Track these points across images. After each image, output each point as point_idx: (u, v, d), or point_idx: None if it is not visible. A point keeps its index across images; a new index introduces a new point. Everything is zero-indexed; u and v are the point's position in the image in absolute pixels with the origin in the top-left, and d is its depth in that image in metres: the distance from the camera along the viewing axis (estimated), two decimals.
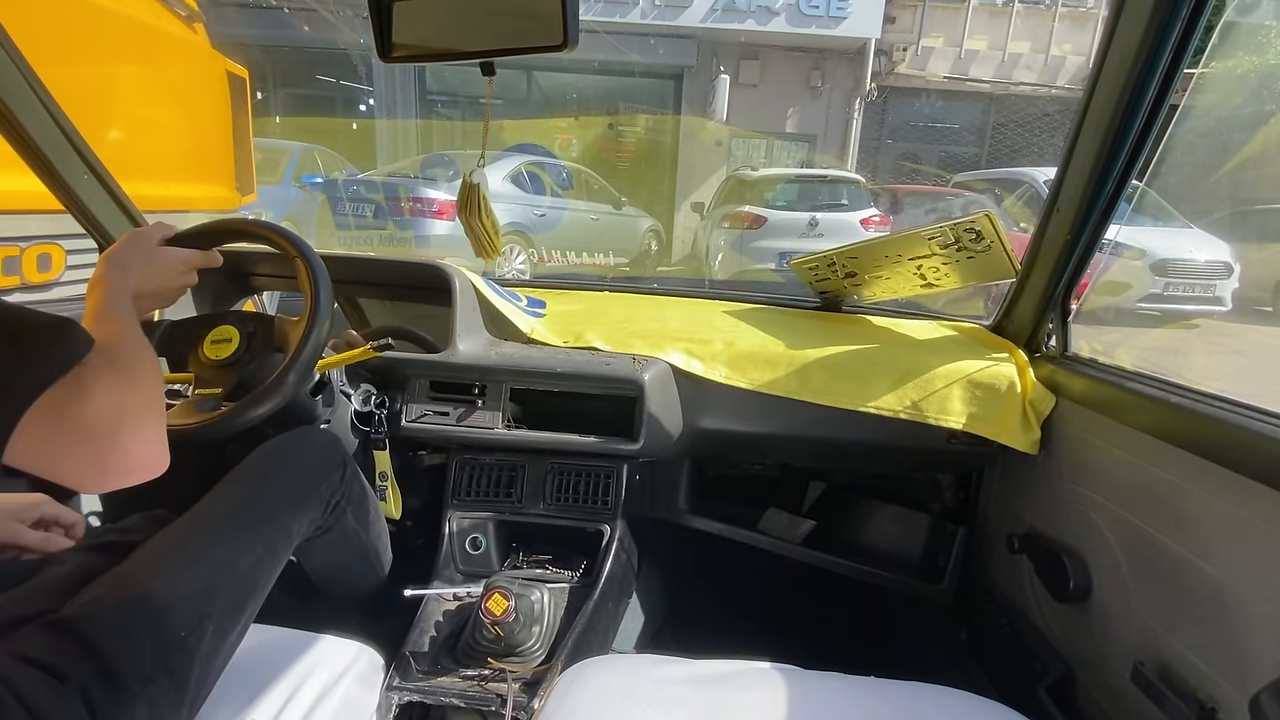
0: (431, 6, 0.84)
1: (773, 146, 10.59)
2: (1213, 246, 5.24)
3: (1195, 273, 5.18)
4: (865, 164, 10.31)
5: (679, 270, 8.93)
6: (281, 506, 0.82)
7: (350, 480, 0.96)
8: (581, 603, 1.11)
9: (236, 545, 0.74)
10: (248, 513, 0.78)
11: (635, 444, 1.15)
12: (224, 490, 0.80)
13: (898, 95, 10.59)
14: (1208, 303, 5.20)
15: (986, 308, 2.52)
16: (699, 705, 0.74)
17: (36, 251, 1.83)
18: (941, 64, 10.35)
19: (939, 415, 1.15)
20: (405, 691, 0.96)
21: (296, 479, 0.86)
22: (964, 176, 8.35)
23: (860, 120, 10.32)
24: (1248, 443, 0.71)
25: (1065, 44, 10.18)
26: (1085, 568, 0.98)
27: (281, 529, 0.80)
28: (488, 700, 0.95)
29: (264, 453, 0.87)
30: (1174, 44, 0.82)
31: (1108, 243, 1.04)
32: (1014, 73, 10.26)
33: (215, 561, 0.71)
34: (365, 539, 1.02)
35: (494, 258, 1.10)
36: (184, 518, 0.76)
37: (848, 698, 0.76)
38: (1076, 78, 10.06)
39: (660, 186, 10.31)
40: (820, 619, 1.51)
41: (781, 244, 6.08)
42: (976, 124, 10.90)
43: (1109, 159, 0.93)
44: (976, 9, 10.16)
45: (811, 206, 6.56)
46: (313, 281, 0.91)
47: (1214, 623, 0.74)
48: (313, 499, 0.87)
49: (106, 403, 0.60)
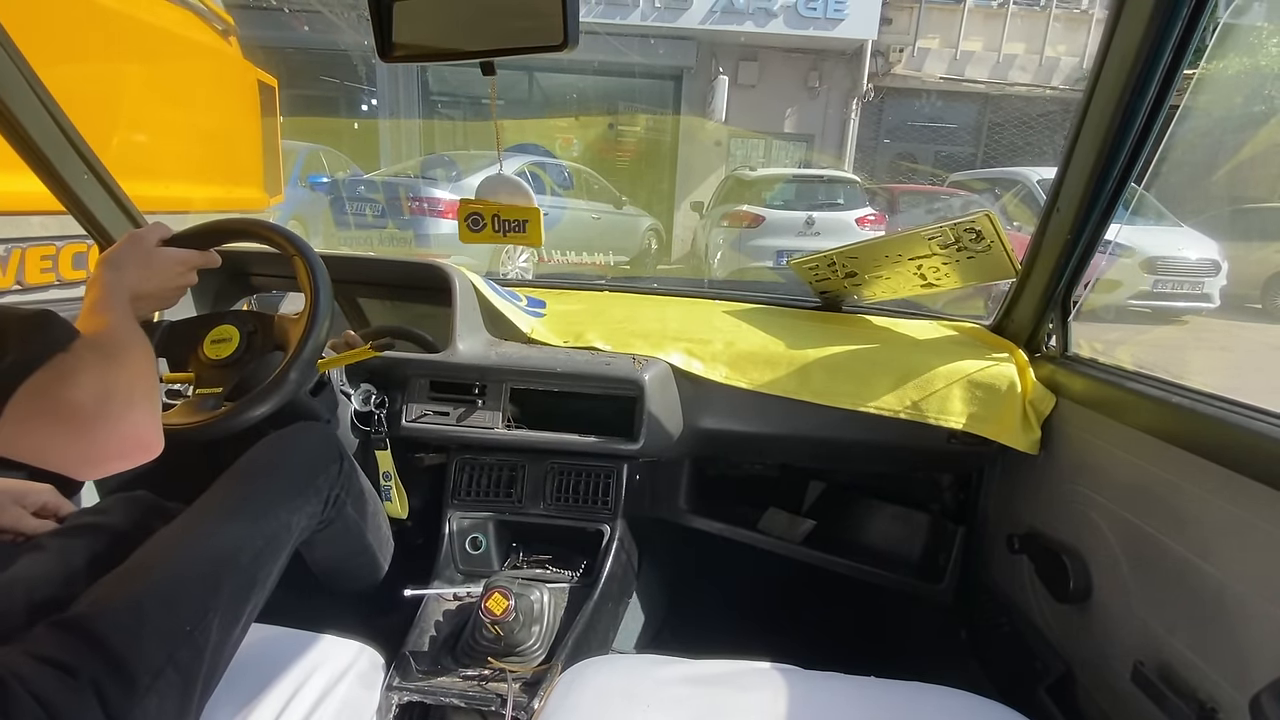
0: (431, 6, 0.84)
1: (771, 146, 10.69)
2: (1202, 244, 5.30)
3: (1184, 270, 5.24)
4: (863, 164, 10.39)
5: (679, 268, 9.03)
6: (280, 500, 0.82)
7: (348, 474, 0.96)
8: (582, 603, 1.11)
9: (237, 539, 0.74)
10: (247, 507, 0.78)
11: (635, 444, 1.15)
12: (222, 486, 0.81)
13: (894, 96, 10.67)
14: (1196, 300, 5.26)
15: (986, 307, 2.52)
16: (699, 705, 0.74)
17: (72, 250, 1.93)
18: (938, 65, 10.46)
19: (939, 415, 1.15)
20: (405, 691, 0.96)
21: (293, 473, 0.86)
22: (959, 176, 8.47)
23: (858, 120, 10.41)
24: (1248, 443, 0.71)
25: (1060, 45, 10.28)
26: (1085, 568, 0.98)
27: (281, 523, 0.80)
28: (488, 700, 0.95)
29: (260, 448, 0.87)
30: (1174, 44, 0.82)
31: (1108, 243, 1.04)
32: (1009, 73, 10.39)
33: (217, 556, 0.71)
34: (366, 532, 1.02)
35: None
36: (184, 514, 0.76)
37: (848, 698, 0.76)
38: (1071, 78, 10.19)
39: (660, 186, 10.41)
40: (820, 619, 1.51)
41: (779, 242, 6.22)
42: (972, 124, 11.01)
43: (1109, 159, 0.93)
44: (972, 10, 10.29)
45: (808, 206, 6.66)
46: (312, 281, 0.91)
47: (1214, 623, 0.74)
48: (310, 492, 0.87)
49: (91, 385, 0.61)
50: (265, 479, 0.83)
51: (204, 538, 0.72)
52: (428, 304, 1.25)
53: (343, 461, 0.95)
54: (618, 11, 9.13)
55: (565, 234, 6.80)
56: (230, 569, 0.71)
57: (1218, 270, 5.27)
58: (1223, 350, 5.04)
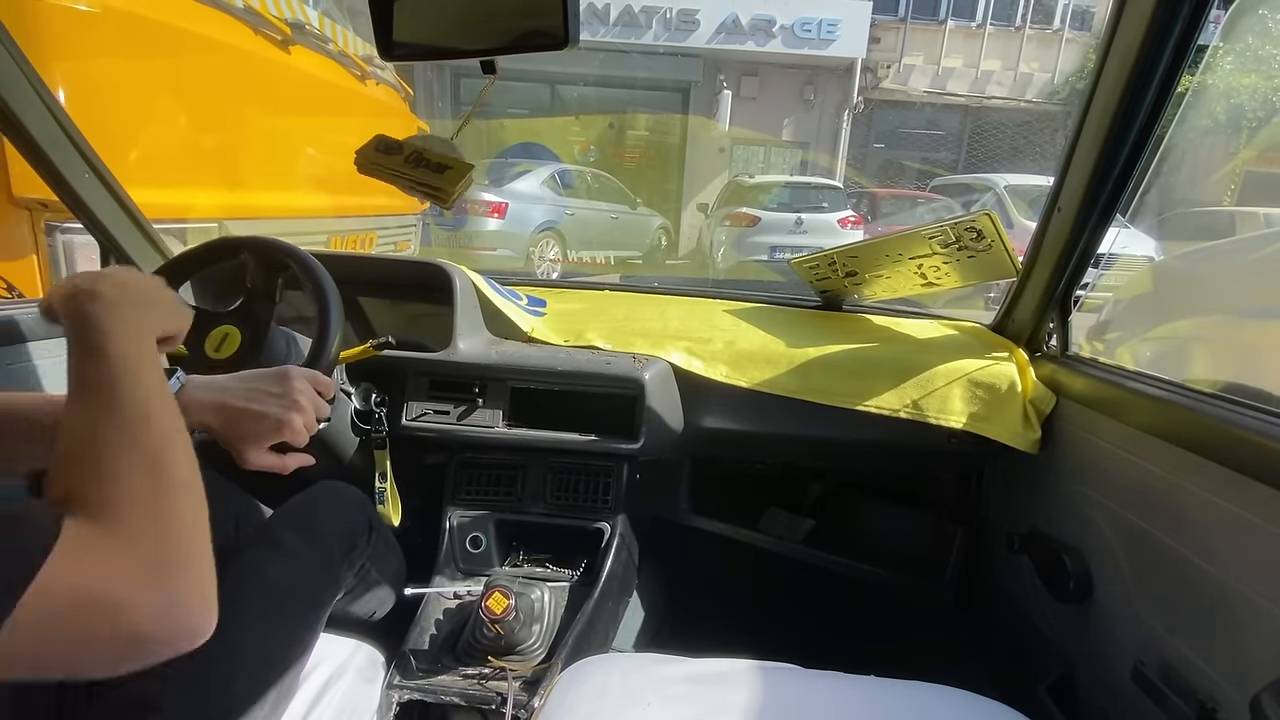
0: (432, 5, 0.84)
1: (770, 152, 11.81)
2: (1141, 242, 5.40)
3: (1123, 265, 5.36)
4: (853, 169, 11.66)
5: (685, 263, 9.77)
6: (317, 591, 0.80)
7: (375, 541, 0.94)
8: (582, 601, 1.11)
9: (281, 644, 0.72)
10: (286, 609, 0.75)
11: (636, 443, 1.15)
12: (257, 578, 0.74)
13: (882, 107, 11.87)
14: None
15: (986, 306, 2.52)
16: (699, 704, 0.74)
17: (358, 238, 3.00)
18: (922, 80, 11.70)
19: (940, 415, 1.15)
20: (406, 690, 0.96)
21: (327, 555, 0.83)
22: (940, 181, 9.42)
23: (849, 130, 11.56)
24: (1249, 442, 0.70)
25: (1033, 62, 11.60)
26: (1086, 567, 0.98)
27: (316, 618, 0.79)
28: (488, 699, 0.95)
29: (292, 522, 0.83)
30: (1174, 45, 0.82)
31: (1100, 256, 1.04)
32: (987, 87, 11.69)
33: (268, 662, 0.70)
34: (386, 589, 1.00)
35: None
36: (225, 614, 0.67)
37: (848, 697, 0.76)
38: (1043, 92, 11.60)
39: (668, 187, 11.44)
40: (820, 618, 1.51)
41: (772, 239, 7.20)
42: (954, 133, 12.25)
43: (1109, 160, 0.93)
44: (953, 31, 11.53)
45: (798, 208, 7.64)
46: (323, 303, 0.91)
47: (1214, 623, 0.74)
48: (343, 568, 0.85)
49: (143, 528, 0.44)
50: (300, 566, 0.78)
51: (252, 650, 0.70)
52: (428, 303, 1.25)
53: (372, 531, 0.93)
54: (633, 32, 10.30)
55: (589, 232, 7.60)
56: (277, 671, 0.71)
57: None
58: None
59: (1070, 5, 11.36)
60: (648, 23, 10.29)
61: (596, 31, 10.11)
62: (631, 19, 10.22)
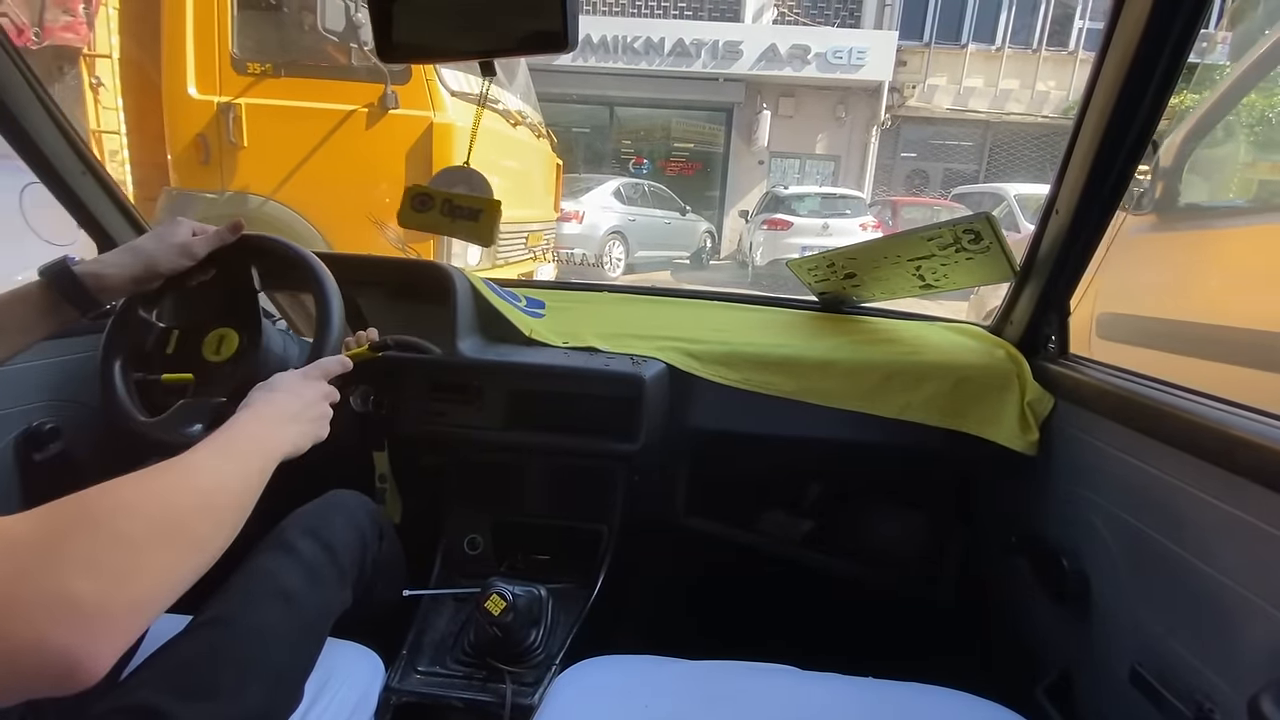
0: (433, 7, 0.84)
1: (804, 164, 13.55)
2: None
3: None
4: (880, 180, 13.24)
5: (726, 262, 11.82)
6: (329, 601, 0.79)
7: (385, 550, 0.93)
8: (580, 603, 1.11)
9: (286, 660, 0.71)
10: (298, 617, 0.74)
11: (634, 444, 1.15)
12: (274, 585, 0.74)
13: (908, 123, 13.32)
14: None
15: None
16: (697, 705, 0.74)
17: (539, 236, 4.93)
18: (945, 98, 13.07)
19: (938, 417, 1.15)
20: (404, 692, 0.96)
21: (340, 565, 0.82)
22: (959, 190, 10.53)
23: (877, 144, 13.01)
24: (1247, 444, 0.71)
25: (1050, 80, 12.81)
26: (1083, 569, 0.98)
27: (326, 624, 0.79)
28: (487, 701, 0.95)
29: (306, 530, 0.82)
30: (1172, 46, 0.82)
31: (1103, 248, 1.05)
32: (1005, 105, 12.95)
33: (276, 677, 0.69)
34: (388, 591, 0.99)
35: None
36: (236, 630, 0.69)
37: (846, 698, 0.76)
38: (1059, 108, 12.74)
39: (711, 194, 13.47)
40: (819, 619, 1.51)
41: (802, 240, 8.54)
42: (976, 146, 13.59)
43: (1106, 161, 0.93)
44: (974, 53, 12.89)
45: (824, 215, 9.19)
46: (324, 302, 0.90)
47: (1212, 624, 0.75)
48: (354, 580, 0.84)
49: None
50: (313, 585, 0.77)
51: (256, 665, 0.69)
52: (428, 304, 1.25)
53: (382, 541, 0.92)
54: (684, 61, 12.19)
55: (648, 235, 9.26)
56: (283, 686, 0.70)
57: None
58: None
59: (1085, 29, 12.51)
60: (697, 53, 12.13)
61: (653, 61, 12.07)
62: (683, 49, 12.10)
